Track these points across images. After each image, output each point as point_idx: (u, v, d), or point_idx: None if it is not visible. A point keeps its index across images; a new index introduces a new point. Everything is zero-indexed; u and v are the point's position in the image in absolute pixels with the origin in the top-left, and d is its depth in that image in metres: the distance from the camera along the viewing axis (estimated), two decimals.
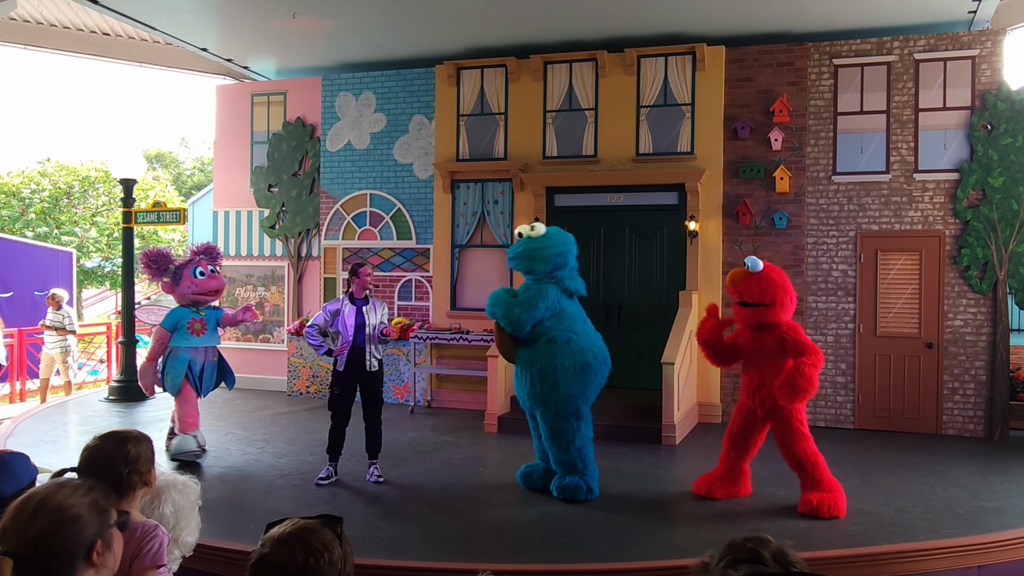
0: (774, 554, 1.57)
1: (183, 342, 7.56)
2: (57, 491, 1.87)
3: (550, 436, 6.34)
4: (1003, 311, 8.75)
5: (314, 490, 6.61)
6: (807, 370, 5.66)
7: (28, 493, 1.88)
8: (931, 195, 9.01)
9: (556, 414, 6.27)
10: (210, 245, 8.18)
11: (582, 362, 6.28)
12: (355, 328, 6.82)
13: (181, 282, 7.72)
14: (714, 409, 9.48)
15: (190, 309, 7.71)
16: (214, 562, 4.90)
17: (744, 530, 1.70)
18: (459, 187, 10.55)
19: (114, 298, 24.63)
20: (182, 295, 7.74)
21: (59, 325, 11.05)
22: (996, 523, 5.63)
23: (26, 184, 21.93)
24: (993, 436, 8.68)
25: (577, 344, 6.35)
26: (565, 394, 6.25)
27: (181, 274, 7.74)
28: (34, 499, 1.84)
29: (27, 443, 7.92)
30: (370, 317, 6.87)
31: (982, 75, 8.87)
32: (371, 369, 6.87)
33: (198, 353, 7.60)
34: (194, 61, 12.24)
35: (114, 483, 2.52)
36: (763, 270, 6.00)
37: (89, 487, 1.94)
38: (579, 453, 6.31)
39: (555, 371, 6.23)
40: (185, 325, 7.60)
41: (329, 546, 1.73)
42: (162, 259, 7.78)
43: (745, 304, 6.01)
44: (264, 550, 1.73)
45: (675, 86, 9.69)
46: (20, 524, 1.80)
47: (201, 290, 7.73)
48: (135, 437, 2.68)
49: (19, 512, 1.82)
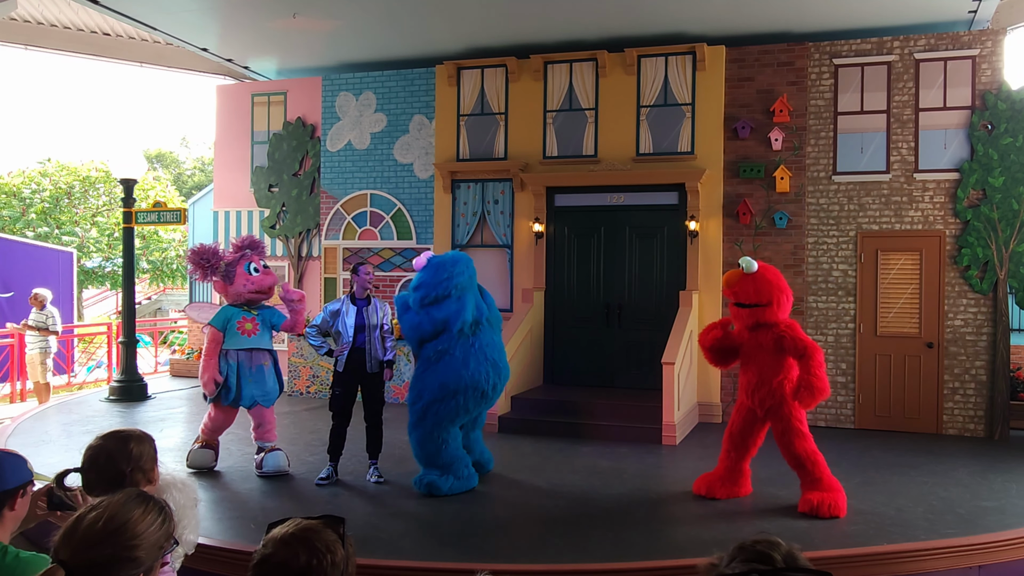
0: (784, 556, 1.57)
1: (232, 344, 7.02)
2: (137, 521, 1.84)
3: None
4: (1003, 311, 8.75)
5: (315, 490, 6.61)
6: (817, 371, 5.70)
7: (111, 512, 1.83)
8: (931, 195, 9.01)
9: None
10: (254, 239, 7.59)
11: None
12: (355, 329, 6.82)
13: (236, 280, 7.14)
14: (714, 409, 9.48)
15: (241, 308, 7.16)
16: (215, 562, 4.89)
17: (745, 530, 1.70)
18: (459, 187, 10.55)
19: (114, 298, 24.64)
20: (238, 294, 7.15)
21: (42, 325, 10.88)
22: (997, 523, 5.63)
23: (27, 184, 21.93)
24: (993, 436, 8.68)
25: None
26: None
27: (234, 272, 7.16)
28: (113, 523, 1.81)
29: (27, 443, 7.92)
30: (371, 318, 6.87)
31: (982, 75, 8.86)
32: (371, 370, 6.87)
33: (243, 357, 7.05)
34: (194, 61, 12.25)
35: (117, 482, 2.52)
36: (758, 271, 6.01)
37: (164, 518, 1.91)
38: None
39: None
40: (235, 325, 7.06)
41: (332, 547, 1.73)
42: (212, 256, 7.18)
43: (742, 305, 6.02)
44: (267, 551, 1.73)
45: (675, 86, 9.69)
46: (88, 541, 1.77)
47: (258, 288, 7.18)
48: (137, 436, 2.68)
49: (91, 528, 1.79)
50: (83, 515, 1.83)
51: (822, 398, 5.75)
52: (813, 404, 5.80)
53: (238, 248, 7.41)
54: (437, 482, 6.39)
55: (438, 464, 6.48)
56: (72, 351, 13.95)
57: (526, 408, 9.16)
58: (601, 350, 9.96)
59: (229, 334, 7.02)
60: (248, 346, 7.05)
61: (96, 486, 2.55)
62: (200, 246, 7.28)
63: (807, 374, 5.72)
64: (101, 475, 2.56)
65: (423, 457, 6.54)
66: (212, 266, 7.16)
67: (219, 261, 7.18)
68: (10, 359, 11.54)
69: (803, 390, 5.71)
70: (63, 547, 1.78)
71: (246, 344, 7.05)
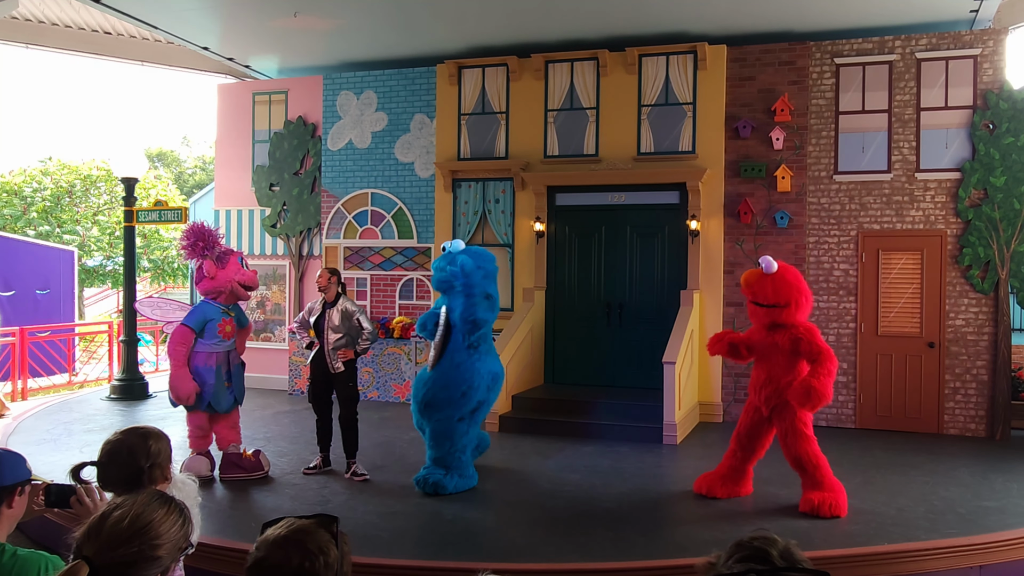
0: (781, 553, 1.57)
1: (212, 347, 6.73)
2: (161, 521, 1.86)
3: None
4: (1005, 310, 8.74)
5: (315, 489, 6.61)
6: (823, 379, 5.62)
7: (137, 512, 1.84)
8: (933, 194, 9.00)
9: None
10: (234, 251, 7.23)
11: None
12: (318, 330, 7.07)
13: (228, 267, 6.80)
14: (715, 408, 9.48)
15: (219, 308, 6.81)
16: (216, 561, 4.90)
17: (746, 529, 1.69)
18: (460, 186, 10.55)
19: (115, 297, 24.64)
20: (227, 280, 6.76)
21: None
22: (997, 523, 5.63)
23: (28, 183, 21.92)
24: (995, 436, 8.67)
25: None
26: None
27: (228, 259, 6.85)
28: (139, 522, 1.83)
29: (28, 441, 7.93)
30: (331, 320, 6.98)
31: (984, 74, 8.85)
32: (334, 370, 7.01)
33: (221, 360, 6.80)
34: (195, 60, 12.24)
35: (135, 477, 2.56)
36: (777, 271, 5.97)
37: (184, 520, 1.94)
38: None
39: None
40: (216, 328, 6.73)
41: (324, 548, 1.72)
42: (209, 237, 6.86)
43: (759, 304, 6.00)
44: (259, 553, 1.73)
45: (676, 85, 9.68)
46: (113, 540, 1.79)
47: (247, 282, 6.92)
48: (155, 434, 2.72)
49: (117, 526, 1.81)
50: (108, 513, 1.85)
51: (820, 404, 5.67)
52: (809, 407, 5.74)
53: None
54: (443, 481, 6.40)
55: (448, 463, 6.48)
56: (73, 350, 13.95)
57: (527, 407, 9.15)
58: (602, 349, 9.95)
59: (208, 337, 6.74)
60: (227, 348, 6.88)
61: (114, 481, 2.58)
62: (200, 223, 7.01)
63: (813, 376, 5.68)
64: (120, 470, 2.59)
65: (441, 454, 6.50)
66: (208, 245, 6.84)
67: (215, 243, 6.92)
68: (10, 358, 11.54)
69: (803, 390, 5.65)
70: (87, 544, 1.79)
71: (226, 346, 6.85)
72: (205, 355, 6.74)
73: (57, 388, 12.08)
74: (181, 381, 6.66)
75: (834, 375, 5.73)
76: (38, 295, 14.12)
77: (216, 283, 6.79)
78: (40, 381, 11.97)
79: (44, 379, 12.12)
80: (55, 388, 12.07)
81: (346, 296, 7.14)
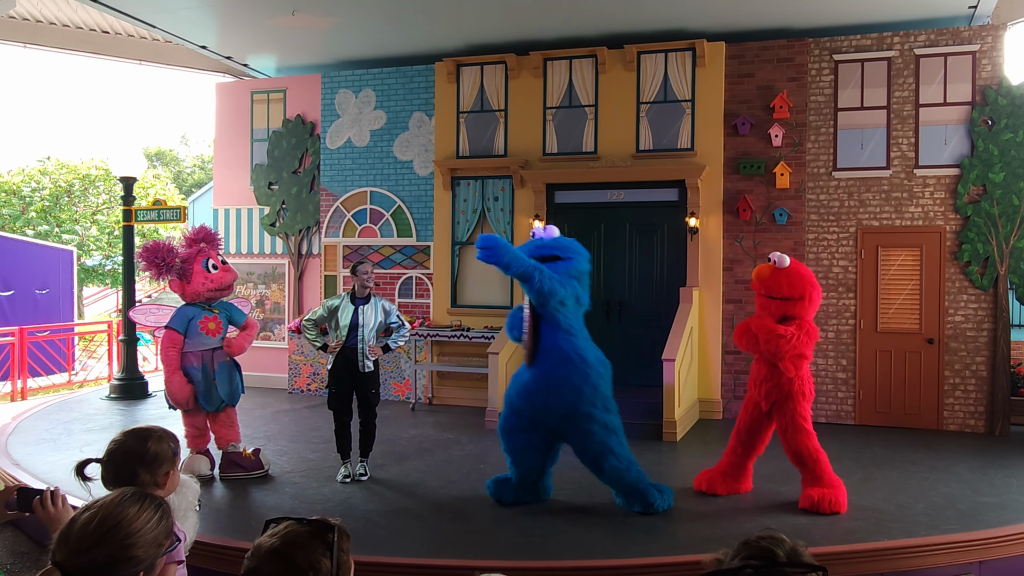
0: (788, 553, 1.57)
1: (197, 346, 6.69)
2: (132, 520, 1.82)
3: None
4: (1004, 306, 8.74)
5: (315, 487, 6.61)
6: (789, 338, 5.81)
7: (104, 513, 1.81)
8: (932, 191, 9.00)
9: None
10: (208, 231, 7.12)
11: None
12: (349, 328, 6.72)
13: (193, 279, 6.74)
14: (715, 405, 9.48)
15: (200, 306, 6.81)
16: (216, 560, 4.90)
17: (746, 526, 1.70)
18: (459, 184, 10.54)
19: (115, 296, 24.63)
20: (196, 293, 6.77)
21: None
22: (997, 519, 5.63)
23: (26, 182, 21.91)
24: (994, 432, 8.68)
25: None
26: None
27: (191, 270, 6.75)
28: (107, 523, 1.79)
29: (28, 441, 7.92)
30: (366, 318, 6.74)
31: (983, 70, 8.85)
32: (364, 370, 6.75)
33: (207, 357, 6.75)
34: (194, 59, 12.23)
35: (129, 480, 2.53)
36: (790, 266, 6.05)
37: (161, 515, 1.90)
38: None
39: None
40: (198, 326, 6.70)
41: (316, 564, 1.71)
42: (166, 253, 6.72)
43: (772, 298, 6.04)
44: (251, 563, 1.73)
45: (675, 82, 9.68)
46: (84, 544, 1.76)
47: (218, 285, 6.83)
48: (157, 435, 2.67)
49: (85, 529, 1.78)
50: (76, 517, 1.81)
51: (771, 347, 5.82)
52: (764, 345, 5.88)
53: (192, 241, 6.98)
54: (659, 503, 5.82)
55: (631, 483, 5.88)
56: (73, 349, 13.95)
57: None
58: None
59: (191, 335, 6.69)
60: (213, 346, 6.78)
61: (111, 482, 2.57)
62: (153, 243, 6.82)
63: (769, 330, 5.86)
64: (118, 471, 2.58)
65: (631, 481, 5.84)
66: (167, 264, 6.72)
67: (174, 259, 6.76)
68: (10, 358, 11.55)
69: (766, 331, 5.84)
70: (59, 549, 1.77)
71: (211, 344, 6.76)
72: (191, 354, 6.72)
73: (56, 388, 12.08)
74: (177, 386, 6.67)
75: (794, 344, 5.83)
76: (37, 295, 14.11)
77: (188, 297, 6.85)
78: (39, 381, 11.97)
79: (43, 379, 12.12)
80: (54, 388, 12.07)
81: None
